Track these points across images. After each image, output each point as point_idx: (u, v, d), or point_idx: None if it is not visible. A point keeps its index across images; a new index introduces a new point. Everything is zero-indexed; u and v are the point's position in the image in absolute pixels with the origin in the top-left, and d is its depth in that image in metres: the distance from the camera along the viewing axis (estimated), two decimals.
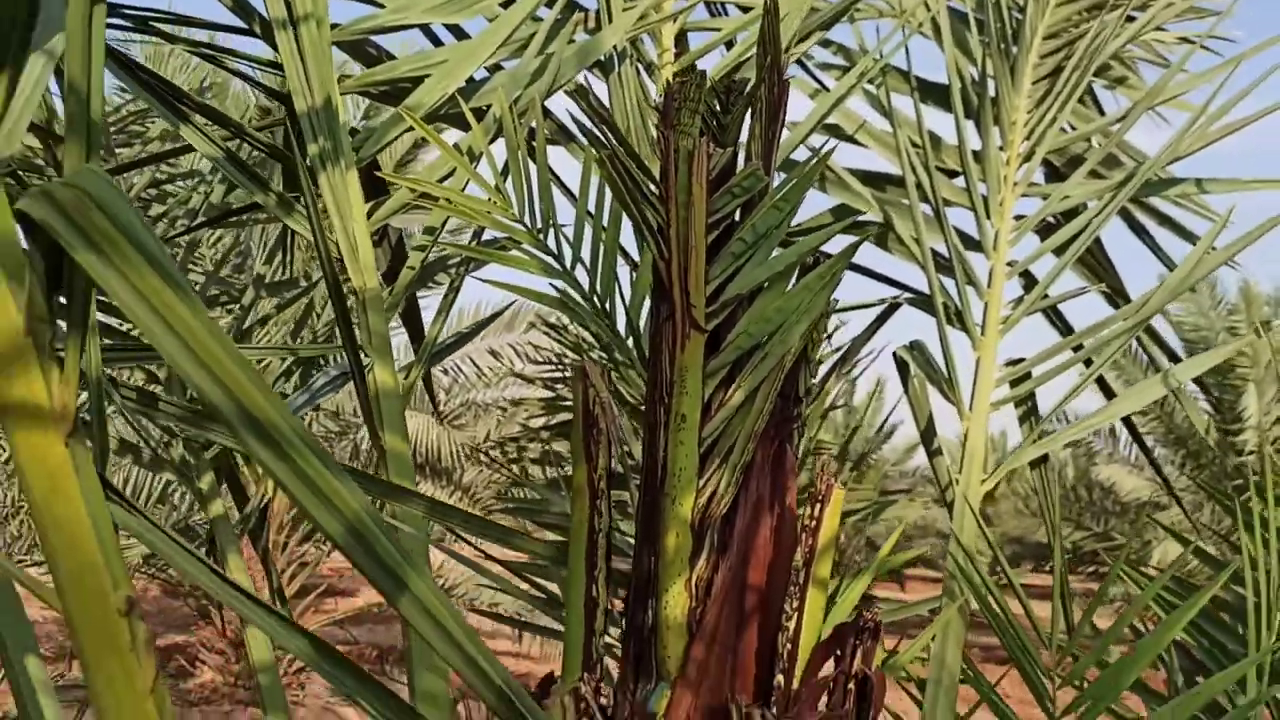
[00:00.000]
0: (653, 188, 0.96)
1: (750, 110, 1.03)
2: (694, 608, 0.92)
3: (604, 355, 2.98)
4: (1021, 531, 16.44)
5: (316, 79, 1.57)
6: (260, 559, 2.35)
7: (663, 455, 0.94)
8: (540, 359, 3.63)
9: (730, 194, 0.97)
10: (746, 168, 0.98)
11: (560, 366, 3.14)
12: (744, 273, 0.97)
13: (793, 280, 1.01)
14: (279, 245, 2.63)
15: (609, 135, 0.94)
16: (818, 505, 0.95)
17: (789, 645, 0.92)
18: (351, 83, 1.70)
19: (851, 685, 0.93)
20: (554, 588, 1.91)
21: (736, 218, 1.00)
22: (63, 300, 0.65)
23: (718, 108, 1.05)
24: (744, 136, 1.07)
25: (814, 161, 1.01)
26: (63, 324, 0.65)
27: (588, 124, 1.91)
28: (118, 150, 2.69)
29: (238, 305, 2.39)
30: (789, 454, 0.98)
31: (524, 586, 1.83)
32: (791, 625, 0.93)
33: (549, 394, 3.39)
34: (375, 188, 1.82)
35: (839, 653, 0.94)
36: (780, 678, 0.92)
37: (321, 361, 2.33)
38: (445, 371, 10.68)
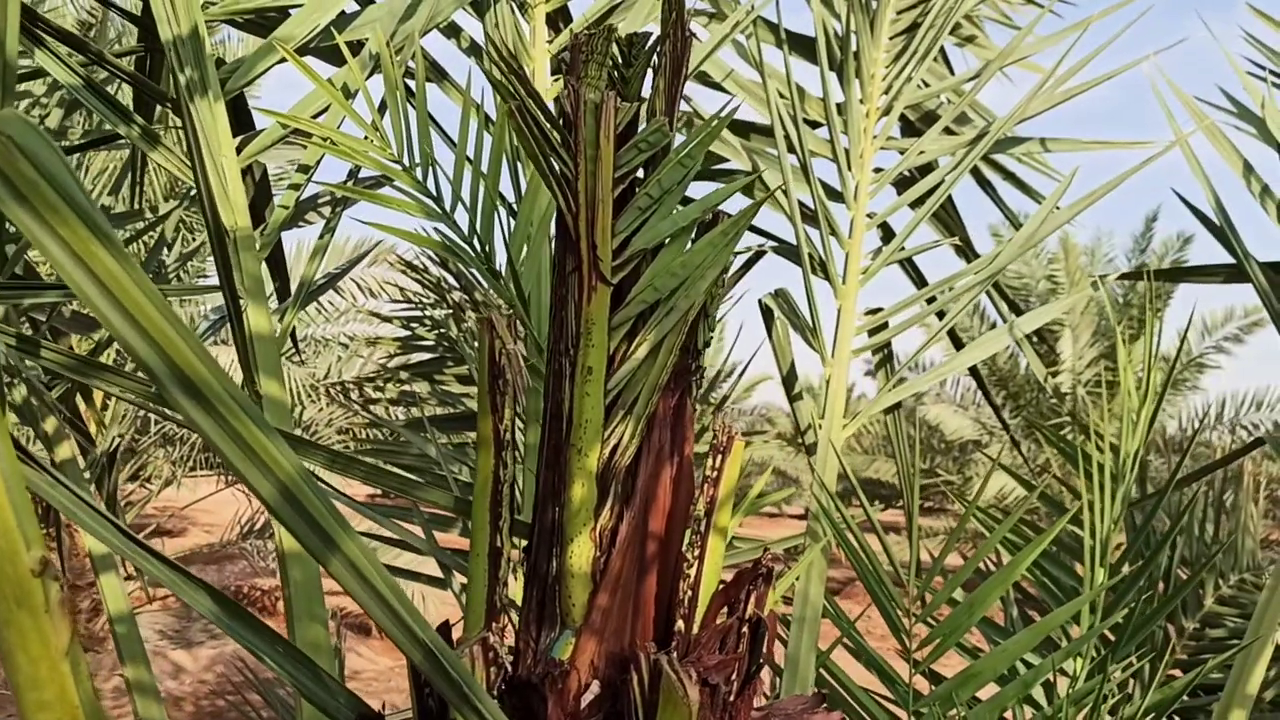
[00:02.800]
0: (559, 140, 0.95)
1: (653, 65, 1.04)
2: (598, 557, 0.94)
3: (464, 296, 2.95)
4: (853, 468, 17.03)
5: (182, 6, 1.50)
6: (106, 503, 2.26)
7: (568, 407, 0.95)
8: (394, 295, 3.57)
9: (636, 148, 0.98)
10: (652, 123, 0.98)
11: (419, 305, 3.10)
12: (649, 227, 0.98)
13: (691, 237, 1.03)
14: (125, 174, 2.50)
15: (519, 86, 0.93)
16: (719, 456, 0.98)
17: (690, 592, 0.95)
18: (217, 10, 1.62)
19: (745, 629, 0.97)
20: (416, 529, 1.90)
21: (640, 173, 1.01)
22: None
23: (620, 60, 1.06)
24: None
25: (718, 120, 1.02)
26: None
27: (478, 68, 1.88)
28: None
29: None
30: (688, 405, 1.00)
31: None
32: (693, 572, 0.96)
33: (405, 333, 3.34)
34: (240, 122, 1.75)
35: (735, 598, 0.98)
36: (681, 623, 0.95)
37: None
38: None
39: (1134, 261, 12.76)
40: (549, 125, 0.95)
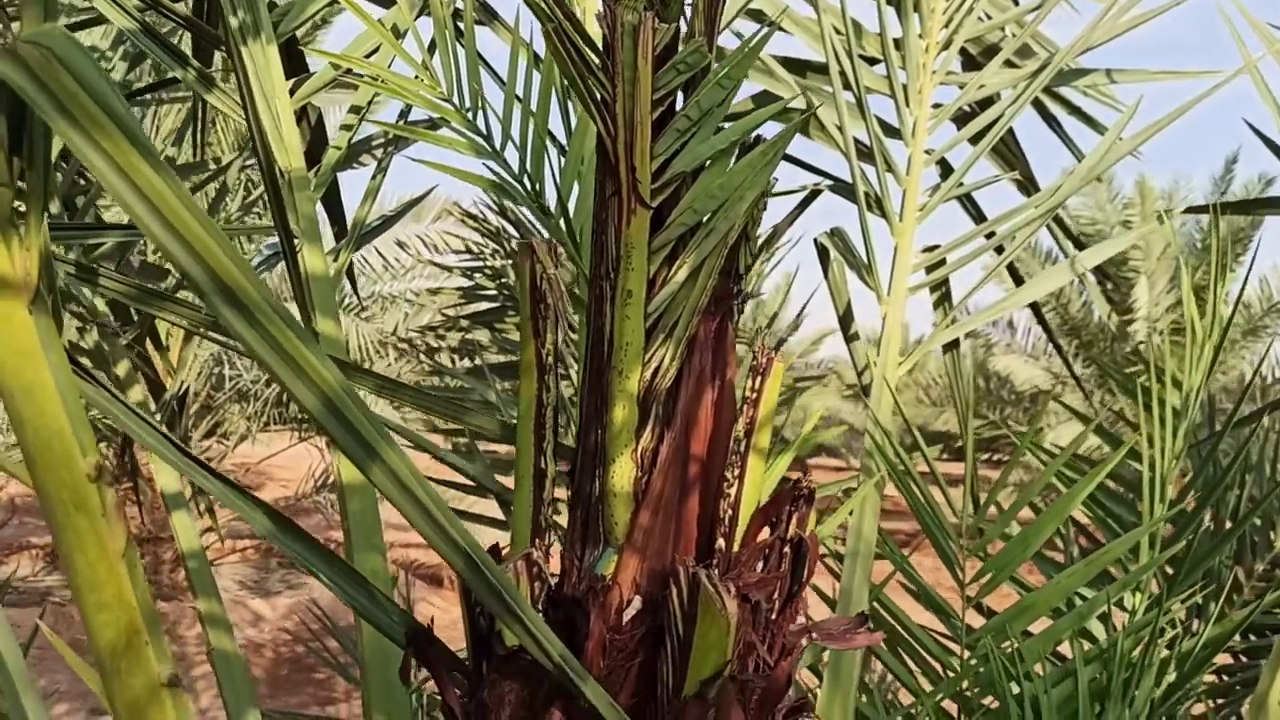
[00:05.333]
0: (597, 62, 0.96)
1: None
2: (639, 477, 0.95)
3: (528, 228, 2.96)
4: (921, 420, 16.98)
5: None
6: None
7: (609, 330, 0.96)
8: (458, 249, 3.61)
9: (675, 70, 0.98)
10: (691, 44, 0.98)
11: (479, 255, 3.13)
12: (688, 149, 0.98)
13: (733, 159, 1.03)
14: (186, 127, 2.55)
15: (555, 8, 0.94)
16: (759, 378, 0.98)
17: (730, 511, 0.97)
18: None
19: (787, 549, 0.98)
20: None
21: (679, 95, 1.01)
22: (22, 165, 0.64)
23: None
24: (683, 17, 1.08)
25: (756, 39, 1.01)
26: (23, 188, 0.65)
27: (526, 8, 1.87)
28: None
29: None
30: (730, 329, 1.01)
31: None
32: (733, 492, 0.97)
33: (467, 283, 3.37)
34: (293, 66, 1.78)
35: (776, 518, 0.99)
36: (721, 542, 0.97)
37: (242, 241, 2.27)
38: (351, 262, 10.56)
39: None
40: (587, 49, 0.95)
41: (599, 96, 0.96)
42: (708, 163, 0.99)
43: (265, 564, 10.55)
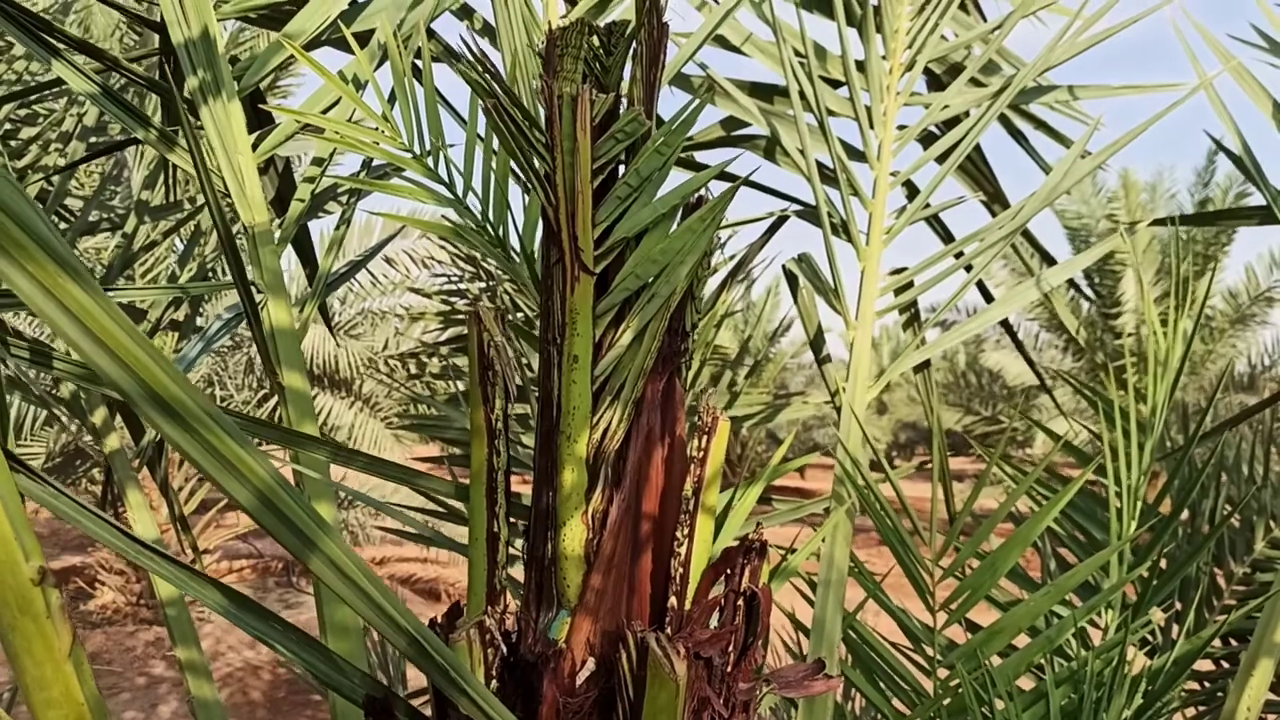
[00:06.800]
0: (538, 135, 0.98)
1: (631, 53, 1.05)
2: (590, 539, 0.97)
3: (498, 267, 2.98)
4: (915, 417, 17.01)
5: (192, 7, 1.53)
6: (160, 489, 2.34)
7: (557, 394, 0.98)
8: (439, 273, 3.63)
9: (613, 139, 0.99)
10: (628, 113, 1.00)
11: (456, 279, 3.14)
12: (629, 215, 1.00)
13: (678, 218, 1.05)
14: (160, 167, 2.56)
15: (494, 85, 0.96)
16: (705, 437, 1.00)
17: (681, 569, 0.98)
18: (229, 8, 1.66)
19: (740, 602, 1.00)
20: (457, 504, 1.95)
21: (621, 160, 1.03)
22: None
23: (600, 50, 1.07)
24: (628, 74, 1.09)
25: (691, 108, 1.03)
26: None
27: (471, 54, 1.90)
28: None
29: (119, 232, 2.34)
30: (678, 387, 1.03)
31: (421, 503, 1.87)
32: (683, 551, 0.98)
33: (445, 308, 3.39)
34: (260, 116, 1.79)
35: (729, 572, 1.01)
36: (673, 600, 0.98)
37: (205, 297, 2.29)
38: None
39: (1197, 196, 12.44)
40: (526, 123, 0.97)
41: (539, 169, 0.97)
42: (650, 227, 1.01)
43: (263, 583, 10.56)
